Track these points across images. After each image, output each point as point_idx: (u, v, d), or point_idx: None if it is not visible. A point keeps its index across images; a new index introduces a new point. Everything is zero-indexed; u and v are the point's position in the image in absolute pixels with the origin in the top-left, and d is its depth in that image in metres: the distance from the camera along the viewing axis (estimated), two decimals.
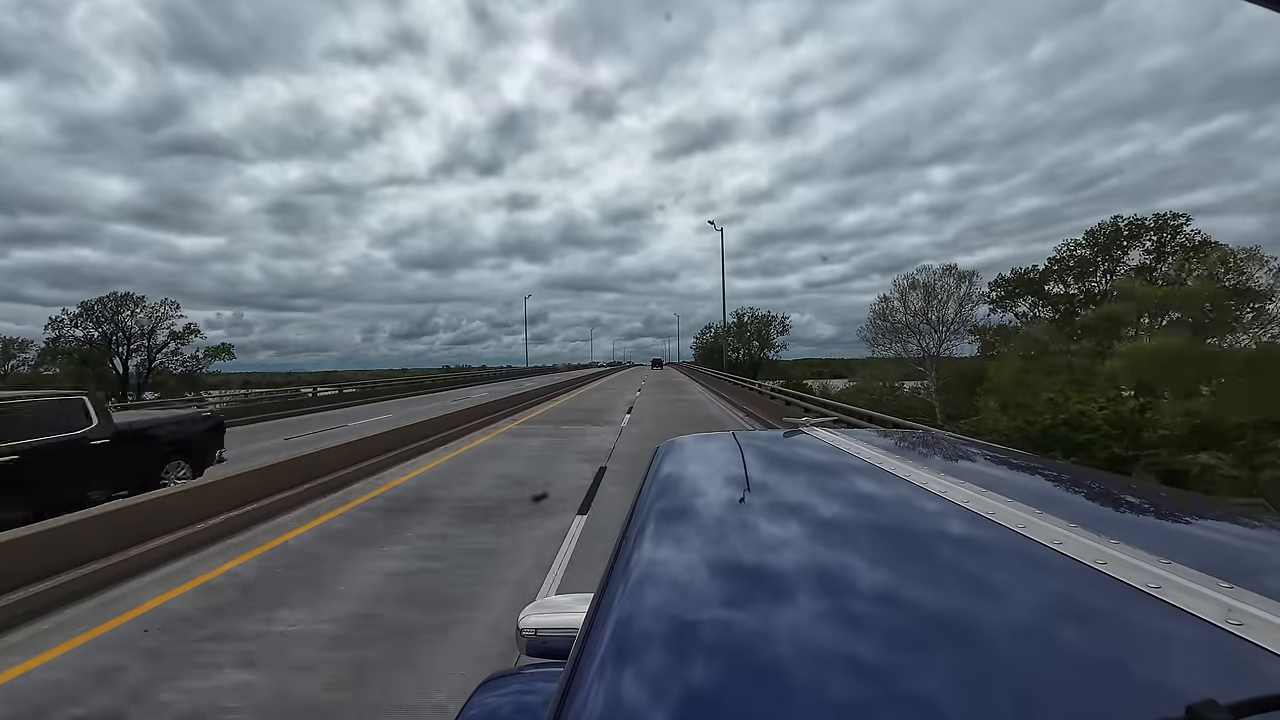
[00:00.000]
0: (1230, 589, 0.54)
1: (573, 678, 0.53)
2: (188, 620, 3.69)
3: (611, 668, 0.52)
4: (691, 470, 1.19)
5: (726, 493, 1.04)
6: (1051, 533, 0.69)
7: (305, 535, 5.47)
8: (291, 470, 6.78)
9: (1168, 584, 0.55)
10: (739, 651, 0.52)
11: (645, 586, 0.66)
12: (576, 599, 1.25)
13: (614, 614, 0.60)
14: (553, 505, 6.41)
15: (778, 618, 0.57)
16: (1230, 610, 0.50)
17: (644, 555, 0.75)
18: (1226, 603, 0.51)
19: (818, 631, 0.55)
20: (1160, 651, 0.49)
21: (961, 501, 0.84)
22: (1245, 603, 0.51)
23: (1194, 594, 0.53)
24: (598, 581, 0.74)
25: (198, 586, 4.24)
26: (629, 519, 0.93)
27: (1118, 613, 0.53)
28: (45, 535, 4.18)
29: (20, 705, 2.82)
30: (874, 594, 0.62)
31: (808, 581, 0.65)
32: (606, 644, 0.55)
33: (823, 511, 0.91)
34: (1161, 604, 0.53)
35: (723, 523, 0.86)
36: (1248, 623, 0.48)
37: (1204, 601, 0.52)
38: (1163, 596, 0.53)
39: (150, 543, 4.75)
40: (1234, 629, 0.48)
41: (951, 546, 0.73)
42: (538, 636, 1.17)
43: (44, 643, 3.44)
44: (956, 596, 0.60)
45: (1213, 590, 0.53)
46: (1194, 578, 0.56)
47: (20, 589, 3.87)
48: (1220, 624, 0.48)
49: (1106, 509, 0.90)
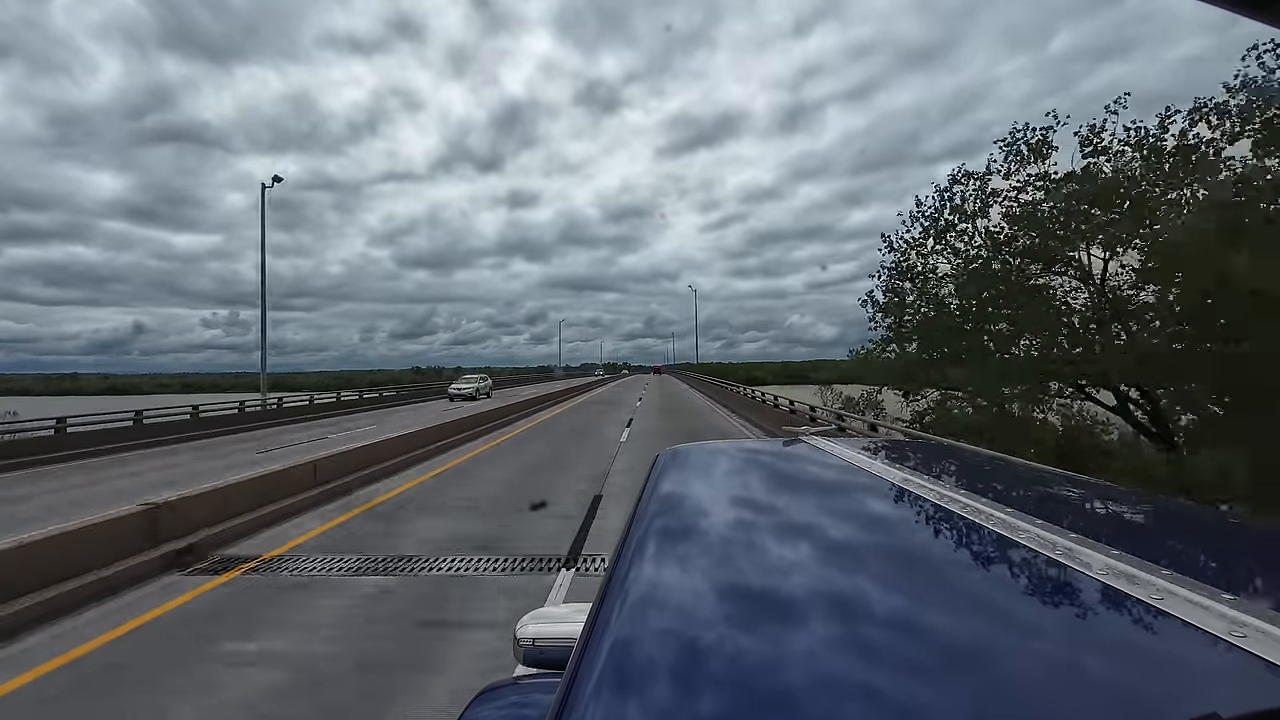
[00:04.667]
0: (1233, 601, 0.53)
1: (569, 692, 0.52)
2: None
3: (608, 684, 0.51)
4: (691, 480, 1.19)
5: (726, 504, 1.03)
6: (1054, 543, 0.69)
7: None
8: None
9: (1170, 595, 0.55)
10: (736, 666, 0.51)
11: (642, 600, 0.65)
12: (575, 609, 1.24)
13: (611, 628, 0.60)
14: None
15: (776, 632, 0.57)
16: (1233, 622, 0.50)
17: (642, 568, 0.75)
18: (1229, 614, 0.51)
19: (815, 646, 0.54)
20: (1162, 663, 0.49)
21: (963, 512, 0.84)
22: (1248, 614, 0.51)
23: (1197, 605, 0.53)
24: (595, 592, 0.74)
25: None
26: (627, 529, 0.92)
27: (1120, 624, 0.53)
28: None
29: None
30: (872, 604, 0.61)
31: (807, 597, 0.65)
32: (603, 659, 0.54)
33: (824, 524, 0.91)
34: (1164, 615, 0.52)
35: (722, 535, 0.86)
36: (1250, 635, 0.48)
37: (1206, 613, 0.52)
38: (1165, 608, 0.53)
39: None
40: (1237, 641, 0.47)
41: (953, 557, 0.73)
42: (535, 646, 1.16)
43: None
44: (958, 608, 0.60)
45: (1215, 602, 0.53)
46: (1197, 589, 0.56)
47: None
48: (1223, 636, 0.48)
49: (1109, 519, 0.90)
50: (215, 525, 6.25)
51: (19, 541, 4.64)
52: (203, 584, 5.13)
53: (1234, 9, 0.51)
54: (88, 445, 13.72)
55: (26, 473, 11.41)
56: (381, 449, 10.37)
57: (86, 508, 7.22)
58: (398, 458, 10.61)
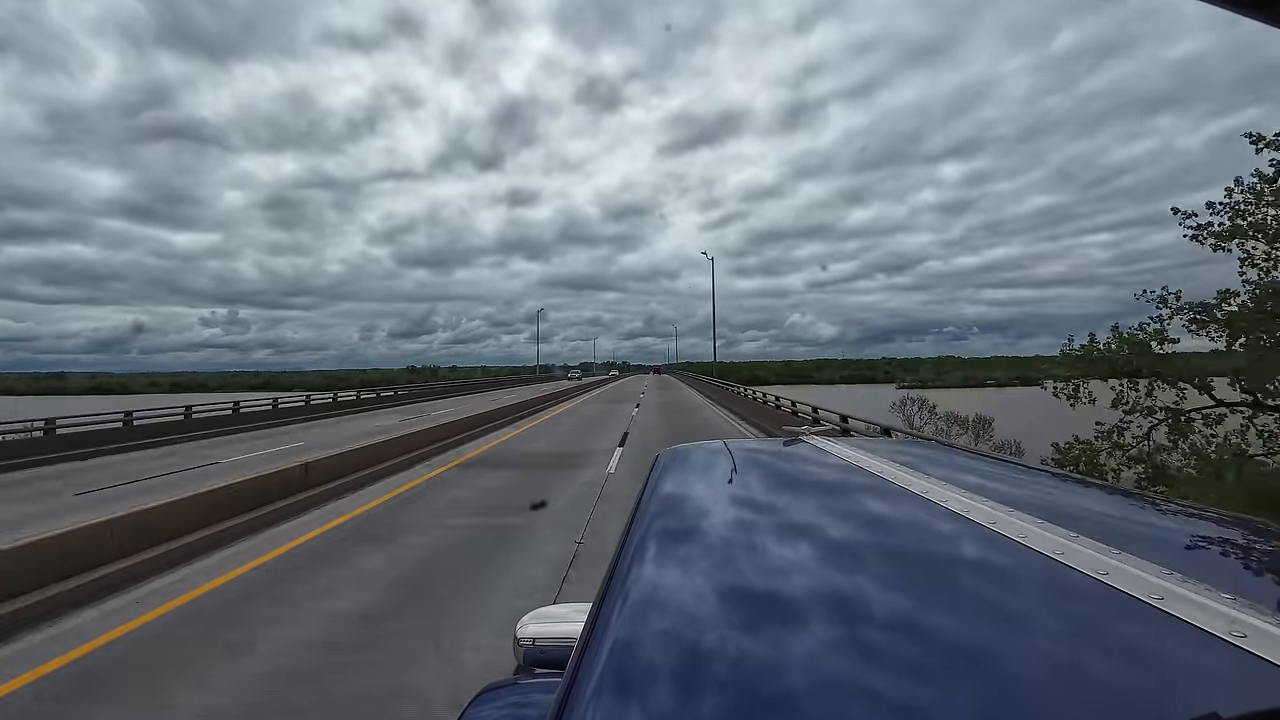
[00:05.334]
0: (1233, 600, 0.54)
1: (569, 693, 0.52)
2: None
3: (608, 685, 0.51)
4: (691, 480, 1.19)
5: (726, 504, 1.03)
6: (1053, 543, 0.69)
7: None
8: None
9: (1170, 595, 0.55)
10: (736, 665, 0.51)
11: (643, 600, 0.65)
12: (574, 609, 1.24)
13: (611, 628, 0.60)
14: None
15: (774, 631, 0.57)
16: (1233, 622, 0.50)
17: (642, 567, 0.74)
18: (1229, 614, 0.51)
19: (813, 644, 0.54)
20: (1162, 664, 0.49)
21: (963, 511, 0.84)
22: (1248, 614, 0.51)
23: (1196, 605, 0.53)
24: (595, 592, 0.74)
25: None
26: (628, 529, 0.92)
27: (1119, 624, 0.53)
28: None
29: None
30: (870, 603, 0.61)
31: (806, 596, 0.65)
32: (604, 660, 0.54)
33: (823, 523, 0.92)
34: (1163, 615, 0.52)
35: (722, 534, 0.86)
36: (1250, 635, 0.48)
37: (1206, 613, 0.52)
38: (1165, 608, 0.53)
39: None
40: (1236, 641, 0.47)
41: (952, 557, 0.73)
42: (535, 646, 1.16)
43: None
44: (957, 608, 0.60)
45: (1215, 602, 0.53)
46: (1196, 589, 0.56)
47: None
48: (1223, 636, 0.48)
49: (1108, 519, 0.90)
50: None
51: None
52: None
53: (1234, 9, 0.51)
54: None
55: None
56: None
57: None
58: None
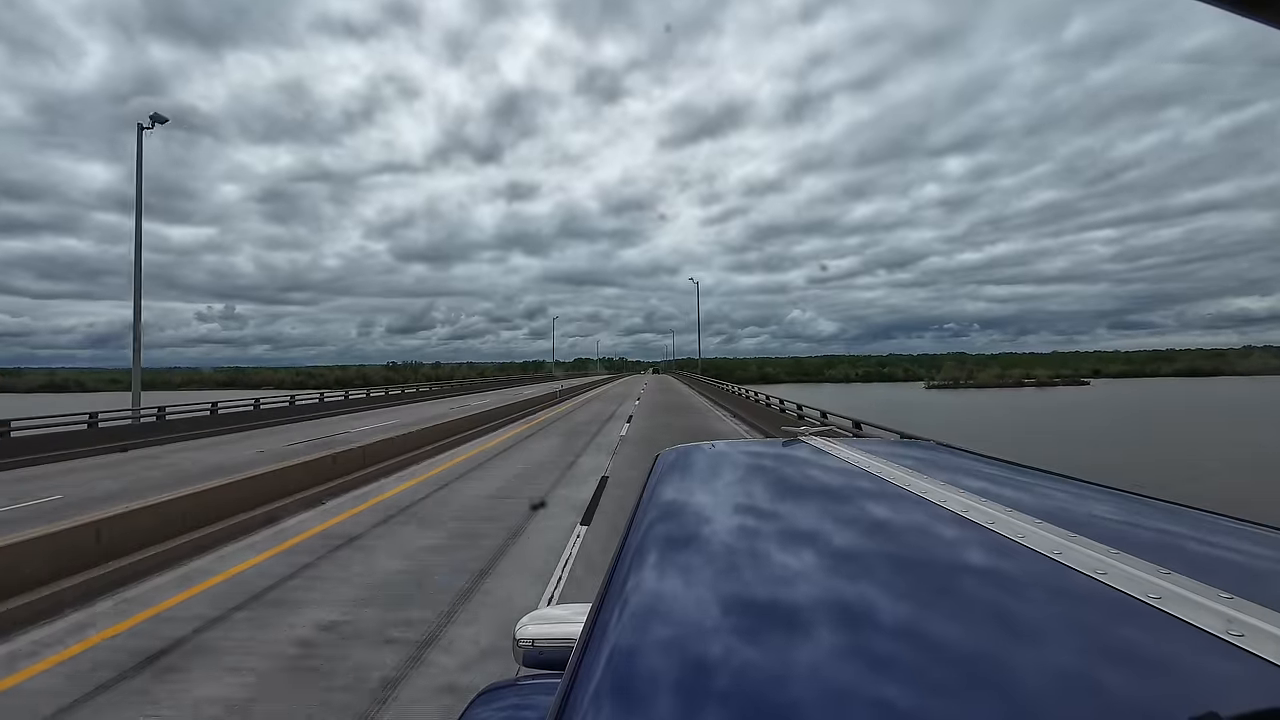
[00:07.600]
0: (1230, 600, 0.53)
1: (568, 694, 0.52)
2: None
3: (606, 687, 0.51)
4: (690, 482, 1.19)
5: (725, 505, 1.03)
6: (1051, 542, 0.69)
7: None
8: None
9: (1168, 595, 0.55)
10: (735, 667, 0.51)
11: (641, 603, 0.65)
12: (574, 610, 1.24)
13: (610, 630, 0.60)
14: None
15: (773, 633, 0.57)
16: (1231, 621, 0.50)
17: (641, 570, 0.74)
18: (1227, 614, 0.51)
19: (813, 645, 0.54)
20: (1160, 663, 0.49)
21: (961, 511, 0.84)
22: (1246, 614, 0.51)
23: (1194, 605, 0.53)
24: (594, 592, 0.74)
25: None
26: (627, 530, 0.92)
27: (1117, 624, 0.53)
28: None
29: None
30: (869, 603, 0.62)
31: (805, 598, 0.65)
32: (602, 662, 0.54)
33: (823, 524, 0.92)
34: (1161, 615, 0.52)
35: (720, 536, 0.86)
36: (1248, 634, 0.48)
37: (1204, 612, 0.52)
38: (1163, 607, 0.53)
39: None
40: (1234, 640, 0.47)
41: (951, 557, 0.73)
42: (534, 647, 1.16)
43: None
44: (956, 608, 0.60)
45: (1213, 601, 0.53)
46: (1194, 588, 0.56)
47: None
48: (1221, 635, 0.48)
49: (1106, 519, 0.90)
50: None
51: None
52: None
53: (1234, 9, 0.51)
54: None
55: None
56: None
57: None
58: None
